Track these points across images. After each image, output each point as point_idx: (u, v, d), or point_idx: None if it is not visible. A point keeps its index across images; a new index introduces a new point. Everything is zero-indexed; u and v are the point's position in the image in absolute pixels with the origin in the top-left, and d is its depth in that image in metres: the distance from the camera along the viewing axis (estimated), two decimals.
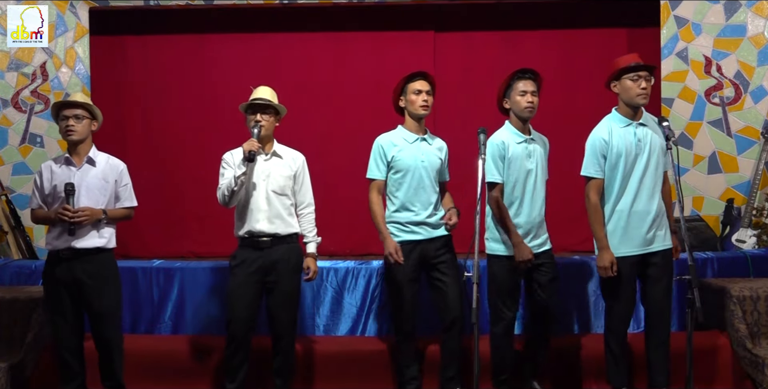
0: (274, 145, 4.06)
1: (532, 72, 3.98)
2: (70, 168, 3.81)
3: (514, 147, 3.96)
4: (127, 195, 3.92)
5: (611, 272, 3.77)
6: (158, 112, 5.95)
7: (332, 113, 5.93)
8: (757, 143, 5.49)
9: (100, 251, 3.79)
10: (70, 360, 3.81)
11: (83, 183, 3.78)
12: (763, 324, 4.30)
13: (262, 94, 3.99)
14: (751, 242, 5.25)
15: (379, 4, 5.84)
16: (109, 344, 3.83)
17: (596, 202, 3.85)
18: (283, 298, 3.93)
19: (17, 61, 5.77)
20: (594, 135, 3.90)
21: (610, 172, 3.84)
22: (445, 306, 3.99)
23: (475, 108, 5.47)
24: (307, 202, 4.08)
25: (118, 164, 3.93)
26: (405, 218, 4.00)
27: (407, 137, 4.05)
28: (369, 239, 5.73)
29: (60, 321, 3.79)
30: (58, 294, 3.76)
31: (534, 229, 3.96)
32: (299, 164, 4.07)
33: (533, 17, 5.85)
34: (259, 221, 3.89)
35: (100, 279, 3.78)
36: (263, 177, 3.93)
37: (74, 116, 3.78)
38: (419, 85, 4.00)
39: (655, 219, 3.81)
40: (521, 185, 3.94)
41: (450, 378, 4.05)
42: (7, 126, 5.75)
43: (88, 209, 3.72)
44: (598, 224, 3.84)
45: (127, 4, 5.78)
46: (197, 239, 5.83)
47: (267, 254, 3.89)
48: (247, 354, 3.93)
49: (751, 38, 5.54)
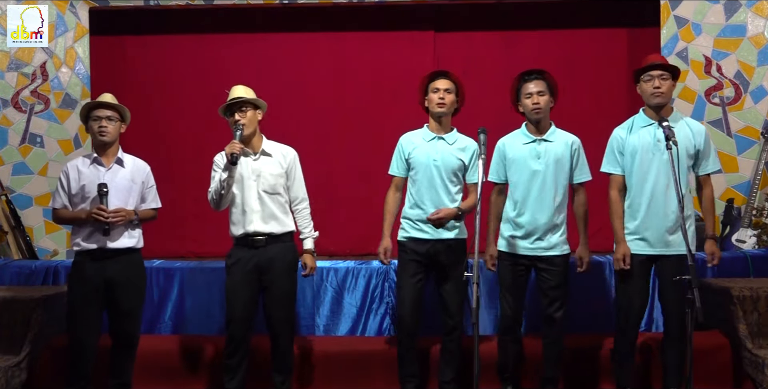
0: (263, 142, 4.01)
1: (537, 72, 3.97)
2: (99, 168, 3.82)
3: (517, 148, 3.96)
4: (152, 197, 3.97)
5: (623, 264, 3.81)
6: (158, 112, 5.94)
7: (332, 113, 5.93)
8: (757, 143, 5.49)
9: (130, 251, 3.82)
10: (83, 361, 3.79)
11: (113, 184, 3.79)
12: (763, 324, 4.30)
13: (237, 94, 3.95)
14: (751, 242, 5.24)
15: (379, 4, 5.84)
16: (129, 341, 3.87)
17: (616, 197, 3.90)
18: (280, 297, 3.92)
19: (17, 61, 5.77)
20: (614, 132, 3.98)
21: (628, 170, 3.89)
22: (447, 312, 3.99)
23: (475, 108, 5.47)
24: (301, 197, 4.05)
25: (145, 165, 3.96)
26: (415, 215, 4.00)
27: (425, 136, 4.06)
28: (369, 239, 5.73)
29: (81, 322, 3.78)
30: (85, 294, 3.75)
31: (538, 231, 3.91)
32: (290, 160, 4.02)
33: (533, 17, 5.85)
34: (253, 222, 3.88)
35: (131, 278, 3.82)
36: (254, 177, 3.90)
37: (106, 117, 3.80)
38: (438, 83, 4.00)
39: (674, 221, 3.78)
40: (524, 186, 3.93)
41: (448, 381, 4.06)
42: (7, 126, 5.75)
43: (122, 210, 3.74)
44: (617, 218, 3.89)
45: (127, 4, 5.78)
46: (197, 239, 5.83)
47: (262, 252, 3.88)
48: (246, 353, 3.92)
49: (751, 38, 5.54)
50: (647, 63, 3.86)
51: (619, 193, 3.92)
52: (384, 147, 4.34)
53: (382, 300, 4.72)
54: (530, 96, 3.91)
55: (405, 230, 4.04)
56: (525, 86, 3.93)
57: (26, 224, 5.65)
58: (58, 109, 5.77)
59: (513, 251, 3.96)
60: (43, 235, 5.75)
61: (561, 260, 3.95)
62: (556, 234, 3.94)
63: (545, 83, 3.94)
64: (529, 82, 3.93)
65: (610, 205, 3.92)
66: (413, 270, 3.97)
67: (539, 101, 3.90)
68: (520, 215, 3.94)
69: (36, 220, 5.75)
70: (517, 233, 3.94)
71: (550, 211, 3.91)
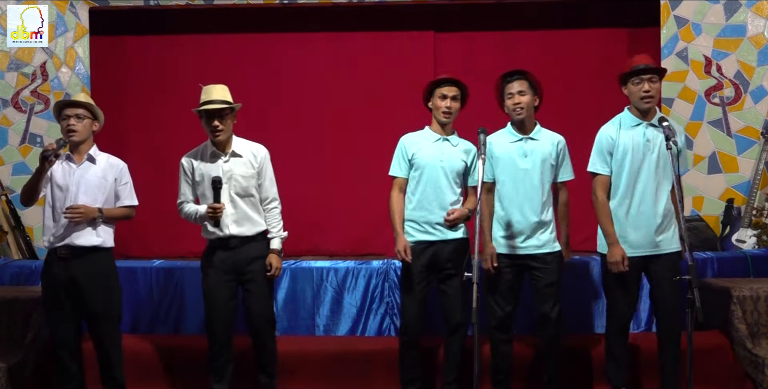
0: (233, 143, 3.95)
1: (519, 72, 3.96)
2: (71, 165, 3.80)
3: (504, 146, 3.95)
4: (126, 194, 3.92)
5: (623, 266, 3.76)
6: (158, 112, 5.94)
7: (332, 113, 5.92)
8: (757, 143, 5.49)
9: (97, 250, 3.78)
10: (68, 360, 3.80)
11: (82, 180, 3.77)
12: (763, 324, 4.30)
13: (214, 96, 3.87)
14: (751, 242, 5.24)
15: (379, 4, 5.84)
16: (106, 345, 3.81)
17: (603, 198, 3.85)
18: (257, 294, 3.90)
19: (17, 61, 5.77)
20: (602, 132, 3.92)
21: (617, 170, 3.84)
22: (450, 312, 3.99)
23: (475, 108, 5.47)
24: (271, 197, 4.00)
25: (118, 162, 3.92)
26: (421, 217, 3.99)
27: (429, 137, 4.05)
28: (369, 239, 5.75)
29: (58, 321, 3.78)
30: (55, 293, 3.75)
31: (528, 229, 3.91)
32: (261, 159, 3.96)
33: (533, 17, 5.85)
34: (227, 226, 3.85)
35: (97, 279, 3.76)
36: (224, 180, 3.84)
37: (75, 115, 3.78)
38: (446, 90, 3.98)
39: (662, 221, 3.79)
40: (513, 184, 3.93)
41: (451, 381, 4.05)
42: (7, 126, 5.76)
43: (82, 207, 3.71)
44: (606, 220, 3.83)
45: (127, 4, 5.78)
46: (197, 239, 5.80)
47: (237, 252, 3.87)
48: (230, 353, 3.91)
49: (751, 38, 5.54)
50: (634, 65, 3.81)
51: (605, 194, 3.88)
52: (384, 147, 4.34)
53: (382, 300, 4.72)
54: (511, 96, 3.91)
55: (410, 234, 4.01)
56: (507, 87, 3.94)
57: (26, 224, 5.65)
58: None
59: (504, 252, 3.94)
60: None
61: (552, 258, 3.94)
62: (546, 232, 3.94)
63: (527, 83, 3.93)
64: (511, 82, 3.93)
65: (598, 206, 3.86)
66: (420, 277, 3.96)
67: (520, 101, 3.90)
68: (509, 214, 3.93)
69: (36, 220, 5.73)
70: (508, 233, 3.93)
71: (539, 209, 3.91)
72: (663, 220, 3.79)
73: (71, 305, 3.76)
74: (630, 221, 3.81)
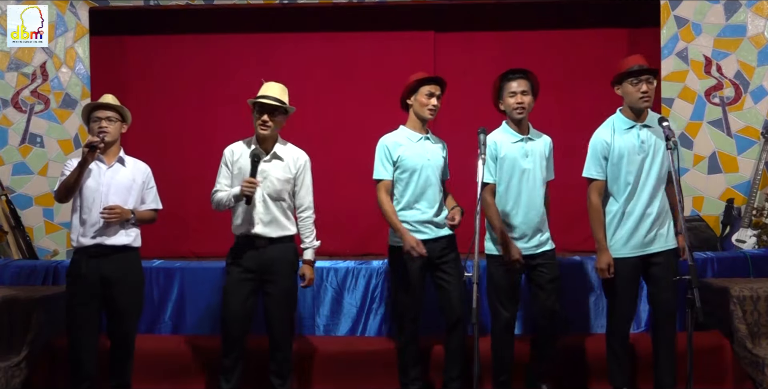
0: (277, 144, 3.96)
1: (522, 71, 3.96)
2: (100, 166, 3.81)
3: (507, 147, 3.95)
4: (152, 197, 3.96)
5: (608, 274, 3.79)
6: (158, 112, 5.94)
7: (332, 113, 5.93)
8: (757, 143, 5.49)
9: (127, 249, 3.82)
10: (85, 360, 3.78)
11: (113, 182, 3.80)
12: (763, 324, 4.30)
13: (270, 93, 3.90)
14: (751, 242, 5.25)
15: (379, 4, 5.84)
16: (126, 341, 3.86)
17: (597, 203, 3.85)
18: (279, 297, 3.90)
19: (17, 61, 5.77)
20: (596, 136, 3.90)
21: (612, 173, 3.84)
22: (449, 306, 3.98)
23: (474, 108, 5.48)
24: (306, 205, 3.99)
25: (145, 166, 3.97)
26: (412, 216, 3.99)
27: (411, 137, 4.05)
28: (369, 239, 5.75)
29: (80, 321, 3.77)
30: (82, 292, 3.76)
31: (531, 229, 3.93)
32: (300, 165, 3.97)
33: (533, 17, 5.86)
34: (255, 226, 3.86)
35: (127, 276, 3.81)
36: (260, 179, 3.84)
37: (107, 117, 3.81)
38: (433, 88, 3.99)
39: (656, 220, 3.80)
40: (516, 184, 3.93)
41: (453, 378, 4.05)
42: (7, 126, 5.76)
43: (119, 207, 3.74)
44: (599, 226, 3.84)
45: (127, 4, 5.78)
46: (197, 239, 5.83)
47: (263, 252, 3.87)
48: (242, 353, 3.90)
49: (751, 38, 5.54)
50: (630, 66, 3.80)
51: (600, 199, 3.87)
52: None
53: (382, 300, 4.71)
54: (514, 95, 3.90)
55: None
56: (508, 85, 3.92)
57: (26, 224, 5.65)
58: (58, 109, 5.77)
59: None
60: (43, 235, 5.75)
61: (553, 254, 4.01)
62: (545, 231, 3.99)
63: (529, 83, 3.93)
64: (513, 80, 3.92)
65: (592, 212, 3.86)
66: (416, 277, 3.97)
67: (523, 100, 3.90)
68: (513, 215, 3.93)
69: (36, 220, 5.75)
70: (512, 234, 3.93)
71: (541, 209, 3.96)
72: (658, 218, 3.81)
73: (96, 304, 3.77)
74: (629, 223, 3.81)
